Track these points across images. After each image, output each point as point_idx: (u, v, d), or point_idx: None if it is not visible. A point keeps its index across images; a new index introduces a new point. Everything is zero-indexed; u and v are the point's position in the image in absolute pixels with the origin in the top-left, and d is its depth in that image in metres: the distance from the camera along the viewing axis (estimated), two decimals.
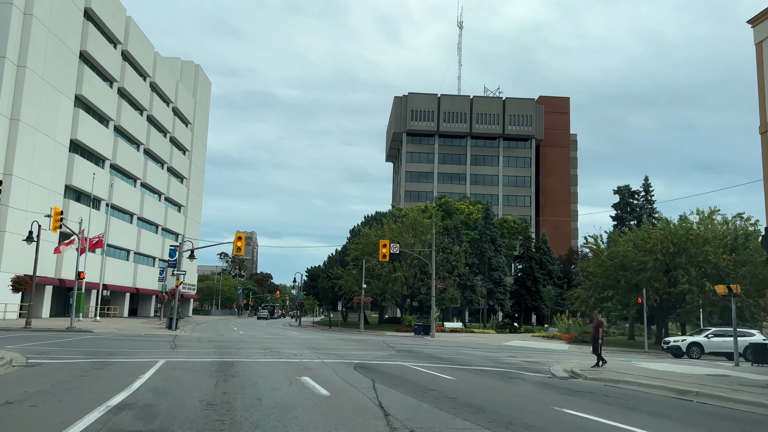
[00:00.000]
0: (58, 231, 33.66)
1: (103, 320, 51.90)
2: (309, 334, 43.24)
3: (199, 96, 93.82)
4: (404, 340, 38.02)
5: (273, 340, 31.84)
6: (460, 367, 19.28)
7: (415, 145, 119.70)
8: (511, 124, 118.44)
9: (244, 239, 41.53)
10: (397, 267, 52.85)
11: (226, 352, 22.24)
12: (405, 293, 52.42)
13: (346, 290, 55.35)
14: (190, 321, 70.73)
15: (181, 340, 29.04)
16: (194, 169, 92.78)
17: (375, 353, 23.83)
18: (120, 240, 65.56)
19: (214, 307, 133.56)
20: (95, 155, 59.55)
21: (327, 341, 32.61)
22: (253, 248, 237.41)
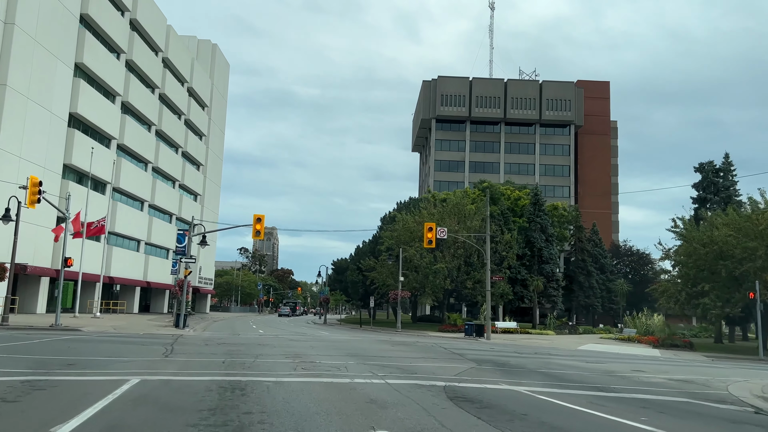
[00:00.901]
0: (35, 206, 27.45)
1: (106, 317, 45.77)
2: (341, 334, 36.53)
3: (216, 78, 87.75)
4: (459, 343, 31.08)
5: (300, 343, 25.14)
6: (598, 393, 12.35)
7: (445, 132, 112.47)
8: (548, 109, 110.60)
9: (263, 221, 34.97)
10: (438, 258, 45.91)
11: (238, 362, 15.55)
12: (448, 287, 45.47)
13: (379, 284, 48.56)
14: (206, 318, 64.60)
15: (184, 343, 22.48)
16: (211, 155, 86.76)
17: (447, 365, 16.98)
18: (129, 228, 59.55)
19: (233, 303, 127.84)
20: (99, 133, 53.50)
21: (368, 344, 25.82)
22: (273, 244, 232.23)
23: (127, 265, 59.65)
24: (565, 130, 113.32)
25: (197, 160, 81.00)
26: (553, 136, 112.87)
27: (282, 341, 25.88)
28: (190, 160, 78.74)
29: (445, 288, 45.75)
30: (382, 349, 22.94)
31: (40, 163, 44.27)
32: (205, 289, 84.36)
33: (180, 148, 74.77)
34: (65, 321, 34.36)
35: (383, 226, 57.45)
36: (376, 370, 14.37)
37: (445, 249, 46.39)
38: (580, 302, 61.35)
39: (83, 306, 52.93)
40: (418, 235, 47.26)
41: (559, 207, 63.30)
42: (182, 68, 73.20)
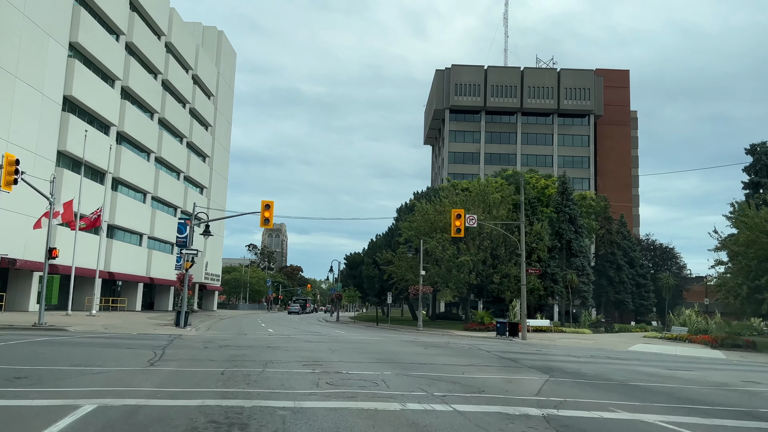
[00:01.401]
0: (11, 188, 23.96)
1: (103, 315, 42.36)
2: (359, 333, 32.86)
3: (222, 66, 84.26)
4: (496, 343, 27.36)
5: (317, 345, 21.48)
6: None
7: (459, 122, 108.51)
8: (566, 98, 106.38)
9: (272, 209, 31.35)
10: (462, 250, 42.14)
11: (242, 374, 11.91)
12: (473, 282, 41.68)
13: (397, 278, 44.81)
14: (212, 315, 61.18)
15: (179, 346, 18.89)
16: (218, 147, 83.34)
17: (511, 376, 13.30)
18: (130, 221, 56.16)
19: (241, 301, 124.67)
20: (97, 119, 50.07)
21: (396, 347, 22.11)
22: (282, 240, 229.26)
23: (129, 260, 56.31)
24: (584, 120, 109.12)
25: (203, 152, 77.60)
26: (571, 126, 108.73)
27: (295, 342, 22.24)
28: (196, 151, 75.32)
29: (471, 283, 41.96)
30: (415, 353, 19.24)
31: (31, 148, 40.88)
32: (212, 286, 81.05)
33: (185, 138, 71.36)
34: (55, 319, 30.93)
35: (400, 216, 53.66)
36: (427, 386, 10.69)
37: (469, 240, 42.61)
38: (609, 298, 57.40)
39: (80, 303, 49.64)
40: (440, 225, 43.57)
41: (588, 196, 59.36)
42: (186, 54, 69.74)
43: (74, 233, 38.62)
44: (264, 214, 31.18)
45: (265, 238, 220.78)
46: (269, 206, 31.34)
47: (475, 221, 32.24)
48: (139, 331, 26.69)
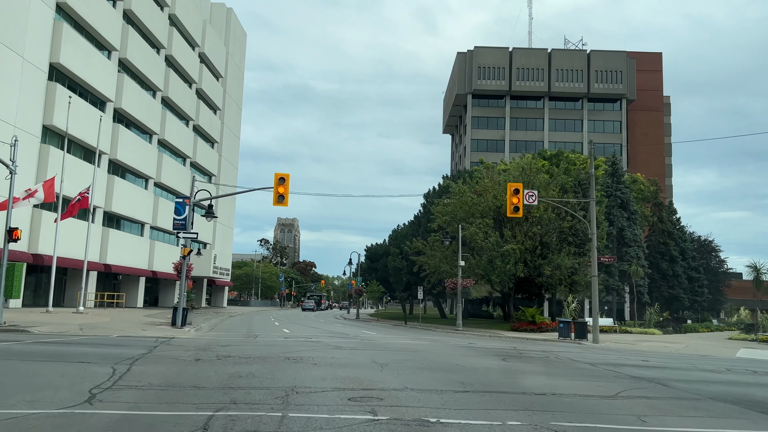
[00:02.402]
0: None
1: (94, 312, 37.02)
2: (395, 336, 27.11)
3: (232, 46, 78.81)
4: (571, 349, 21.56)
5: (355, 355, 15.68)
6: None
7: (482, 108, 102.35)
8: (597, 81, 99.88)
9: (288, 183, 25.74)
10: (507, 237, 36.29)
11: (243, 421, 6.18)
12: (520, 274, 35.78)
13: (430, 270, 38.97)
14: (221, 312, 55.79)
15: (158, 358, 13.24)
16: (227, 133, 77.95)
17: (722, 420, 7.47)
18: (130, 209, 50.81)
19: (253, 297, 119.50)
20: (90, 92, 44.69)
21: (464, 358, 16.25)
22: (294, 236, 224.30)
23: (129, 251, 50.98)
24: (615, 105, 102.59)
25: (211, 137, 72.21)
26: (602, 112, 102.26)
27: (322, 350, 16.52)
28: (203, 135, 69.93)
29: (517, 275, 36.07)
30: (501, 369, 13.45)
31: (10, 120, 35.55)
32: (222, 281, 75.75)
33: (191, 121, 66.00)
34: (24, 318, 25.52)
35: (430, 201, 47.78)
36: None
37: (515, 226, 36.73)
38: (662, 293, 51.24)
39: (73, 298, 44.39)
40: (479, 209, 37.77)
41: (639, 179, 53.26)
42: (192, 29, 64.29)
43: (57, 217, 33.12)
44: (278, 189, 25.57)
45: (277, 233, 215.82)
46: (284, 180, 25.75)
47: (536, 198, 26.37)
48: (122, 332, 21.16)
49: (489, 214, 37.65)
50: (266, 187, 26.58)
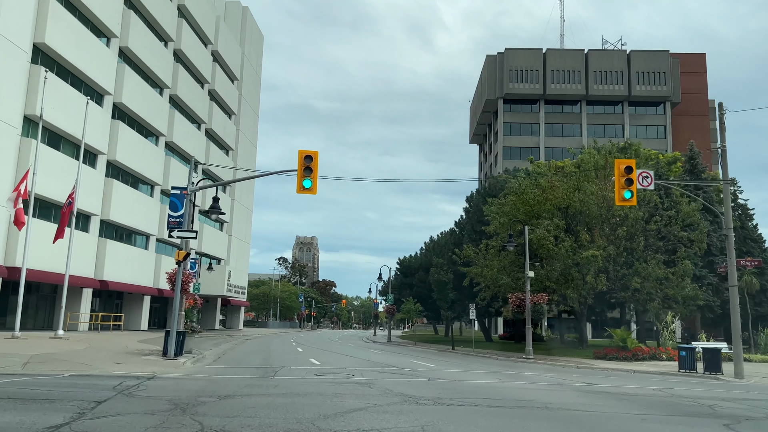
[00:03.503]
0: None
1: (80, 337, 30.58)
2: (465, 368, 20.18)
3: (248, 48, 73.33)
4: (722, 391, 14.42)
5: (454, 420, 8.82)
6: None
7: (514, 113, 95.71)
8: (638, 83, 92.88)
9: (317, 161, 19.25)
10: (584, 242, 29.32)
11: None
12: (601, 287, 28.66)
13: (487, 283, 31.97)
14: (235, 335, 49.18)
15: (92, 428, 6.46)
16: (243, 140, 72.11)
17: None
18: (132, 217, 44.71)
19: (271, 318, 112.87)
20: (83, 80, 38.87)
21: (642, 423, 9.36)
22: (313, 254, 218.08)
23: (131, 266, 44.75)
24: (659, 109, 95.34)
25: (225, 143, 66.34)
26: (644, 116, 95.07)
27: (388, 406, 9.70)
28: (217, 141, 64.07)
29: (595, 288, 28.96)
30: None
31: None
32: (237, 300, 69.24)
33: (203, 125, 60.22)
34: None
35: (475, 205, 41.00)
36: None
37: (595, 228, 29.74)
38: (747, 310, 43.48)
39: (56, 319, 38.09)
40: (545, 208, 30.90)
41: (717, 177, 45.93)
42: (204, 24, 58.78)
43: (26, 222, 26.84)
44: (301, 169, 19.04)
45: (295, 251, 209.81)
46: (311, 158, 19.22)
47: (651, 180, 19.47)
48: (84, 368, 14.59)
49: (556, 215, 30.77)
50: (289, 170, 20.04)
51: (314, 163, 19.19)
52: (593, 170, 31.38)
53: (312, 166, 19.12)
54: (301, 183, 19.05)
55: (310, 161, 19.14)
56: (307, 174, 19.05)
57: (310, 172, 19.08)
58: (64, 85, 36.15)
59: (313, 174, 19.13)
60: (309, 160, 19.15)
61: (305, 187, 19.08)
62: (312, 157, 19.20)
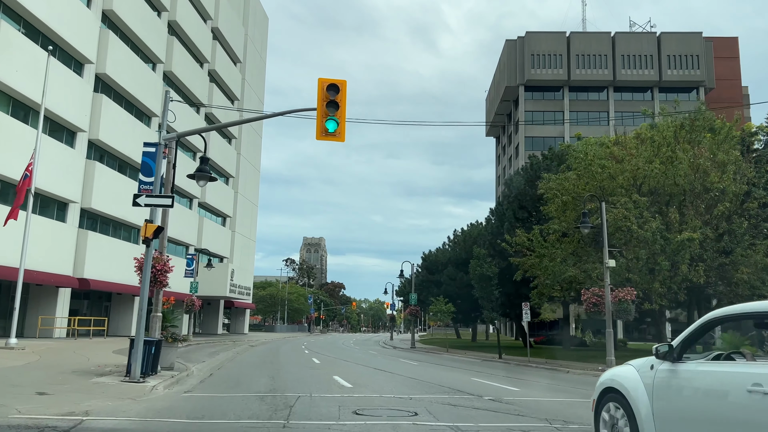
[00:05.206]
0: None
1: (38, 346, 24.72)
2: (547, 390, 14.16)
3: (251, 29, 67.66)
4: None
5: None
6: None
7: (536, 101, 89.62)
8: (670, 68, 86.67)
9: (345, 92, 13.29)
10: (672, 222, 23.24)
11: None
12: (696, 280, 22.57)
13: (544, 277, 25.91)
14: (239, 341, 43.31)
15: None
16: (246, 127, 66.32)
17: None
18: (119, 207, 38.82)
19: (279, 321, 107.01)
20: (57, 44, 33.07)
21: None
22: (321, 256, 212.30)
23: (117, 262, 38.80)
24: (691, 95, 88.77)
25: (228, 131, 60.71)
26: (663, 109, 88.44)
27: None
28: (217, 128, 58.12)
29: (690, 281, 22.87)
30: None
31: None
32: (242, 302, 63.37)
33: (202, 108, 54.42)
34: None
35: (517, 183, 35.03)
36: None
37: (687, 204, 23.69)
38: None
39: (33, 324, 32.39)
40: (619, 182, 24.94)
41: None
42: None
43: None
44: (324, 106, 13.09)
45: (303, 253, 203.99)
46: (337, 89, 13.28)
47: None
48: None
49: (632, 191, 24.74)
50: (307, 108, 14.07)
51: (341, 97, 13.24)
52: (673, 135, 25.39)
53: (338, 100, 13.17)
54: (323, 124, 13.10)
55: (335, 93, 13.18)
56: (330, 111, 13.11)
57: (335, 109, 13.13)
58: (32, 46, 30.37)
59: (339, 111, 13.19)
60: (334, 91, 13.19)
61: (329, 130, 13.13)
62: (338, 88, 13.24)
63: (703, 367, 5.37)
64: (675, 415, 5.37)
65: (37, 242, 29.80)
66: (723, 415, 4.83)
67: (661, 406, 5.52)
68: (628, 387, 5.93)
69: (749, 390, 4.59)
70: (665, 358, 5.71)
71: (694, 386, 5.29)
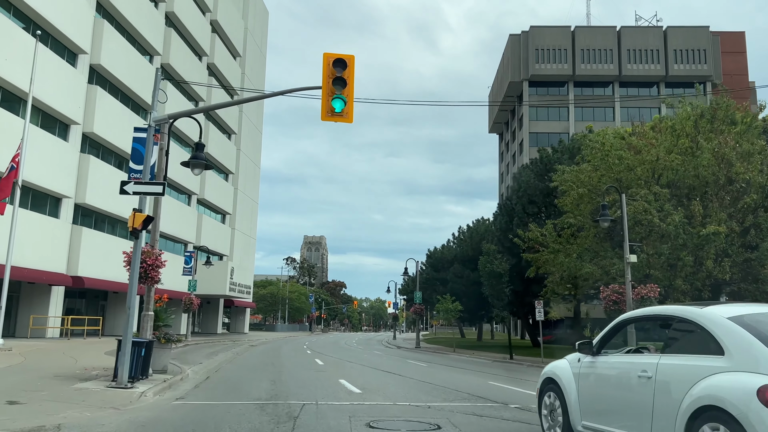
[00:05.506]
0: None
1: (35, 346, 23.57)
2: None
3: (251, 22, 66.41)
4: None
5: None
6: None
7: (541, 97, 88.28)
8: (676, 62, 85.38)
9: (353, 67, 12.03)
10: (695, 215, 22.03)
11: None
12: (722, 276, 21.32)
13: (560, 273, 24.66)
14: (239, 341, 42.17)
15: None
16: (247, 123, 65.11)
17: None
18: (114, 202, 37.58)
19: (279, 321, 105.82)
20: (49, 32, 31.84)
21: None
22: (322, 254, 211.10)
23: (113, 260, 37.45)
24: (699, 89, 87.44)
25: (227, 125, 59.38)
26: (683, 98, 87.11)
27: None
28: (217, 122, 57.09)
29: (712, 277, 21.65)
30: None
31: None
32: (242, 301, 62.16)
33: (201, 102, 53.22)
34: None
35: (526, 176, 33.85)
36: None
37: (712, 196, 22.45)
38: None
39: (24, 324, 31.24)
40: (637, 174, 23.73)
41: None
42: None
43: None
44: (330, 83, 11.87)
45: (304, 252, 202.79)
46: (344, 65, 12.06)
47: None
48: None
49: (651, 183, 23.52)
50: (313, 87, 12.81)
51: (348, 73, 12.00)
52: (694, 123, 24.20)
53: (345, 77, 11.93)
54: (329, 103, 11.86)
55: (342, 69, 11.94)
56: (337, 89, 11.86)
57: (342, 86, 11.89)
58: (22, 34, 29.15)
59: (347, 89, 11.94)
60: (341, 67, 11.95)
61: (335, 110, 11.89)
62: (346, 63, 11.99)
63: (612, 359, 6.54)
64: (592, 397, 6.56)
65: (28, 239, 28.66)
66: (622, 396, 6.06)
67: (583, 391, 6.73)
68: (562, 377, 7.16)
69: (639, 375, 5.80)
70: (587, 352, 6.88)
71: (605, 374, 6.49)
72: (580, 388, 6.73)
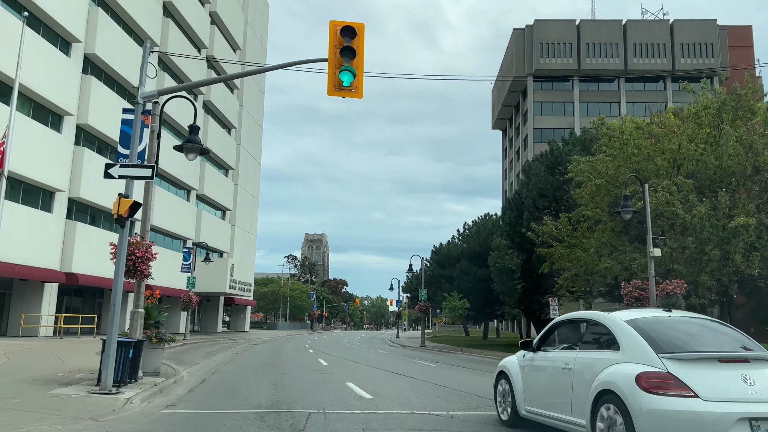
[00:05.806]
0: None
1: (26, 345, 22.39)
2: None
3: (251, 15, 65.12)
4: None
5: None
6: None
7: (545, 92, 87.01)
8: (683, 56, 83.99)
9: (362, 36, 10.74)
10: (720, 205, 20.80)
11: None
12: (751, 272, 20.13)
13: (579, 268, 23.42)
14: (239, 339, 40.98)
15: None
16: (247, 117, 63.87)
17: None
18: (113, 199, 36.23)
19: (280, 319, 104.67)
20: (43, 21, 30.62)
21: None
22: (323, 252, 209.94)
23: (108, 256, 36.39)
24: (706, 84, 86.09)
25: (227, 119, 58.12)
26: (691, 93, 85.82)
27: None
28: (217, 115, 55.85)
29: (739, 272, 20.45)
30: None
31: None
32: (242, 299, 60.99)
33: (200, 95, 52.00)
34: None
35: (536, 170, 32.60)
36: None
37: (739, 187, 21.23)
38: None
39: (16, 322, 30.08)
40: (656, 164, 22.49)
41: None
42: None
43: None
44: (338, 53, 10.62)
45: (305, 250, 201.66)
46: (353, 32, 10.78)
47: None
48: None
49: (672, 174, 22.30)
50: (318, 59, 11.55)
51: (358, 42, 10.76)
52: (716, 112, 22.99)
53: (355, 47, 10.70)
54: (337, 76, 10.62)
55: (351, 38, 10.69)
56: (345, 60, 10.63)
57: (351, 57, 10.65)
58: (12, 20, 27.91)
59: (356, 60, 10.71)
60: (349, 36, 10.70)
61: (343, 83, 10.65)
62: (355, 32, 10.75)
63: (547, 355, 7.71)
64: (532, 386, 7.78)
65: (20, 234, 27.48)
66: (552, 384, 7.26)
67: (526, 381, 7.97)
68: (511, 369, 8.46)
69: (563, 368, 7.00)
70: (529, 349, 8.13)
71: (540, 367, 7.70)
72: (524, 378, 8.01)
